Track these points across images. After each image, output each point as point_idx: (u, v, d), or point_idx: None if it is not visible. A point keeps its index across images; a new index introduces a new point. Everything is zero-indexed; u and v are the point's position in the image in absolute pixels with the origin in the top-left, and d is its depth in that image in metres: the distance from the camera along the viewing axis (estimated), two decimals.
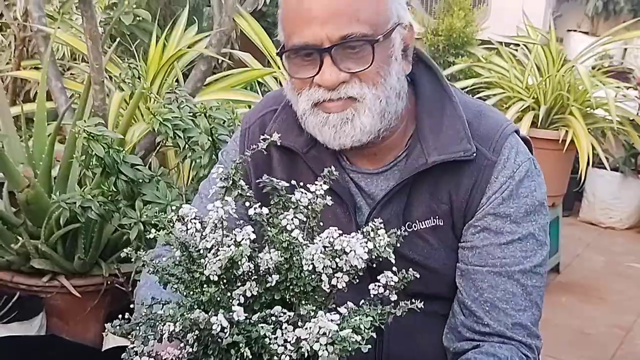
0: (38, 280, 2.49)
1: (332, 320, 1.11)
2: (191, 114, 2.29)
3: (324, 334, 1.09)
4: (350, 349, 1.07)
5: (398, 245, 1.21)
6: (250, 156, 1.24)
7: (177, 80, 2.96)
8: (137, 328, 1.18)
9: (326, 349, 1.08)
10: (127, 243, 2.34)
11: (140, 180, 2.22)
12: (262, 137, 1.23)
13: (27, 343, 2.25)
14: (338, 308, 1.18)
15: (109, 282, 2.49)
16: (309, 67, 1.34)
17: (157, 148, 2.63)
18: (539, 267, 1.42)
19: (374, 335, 1.12)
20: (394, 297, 1.22)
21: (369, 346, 1.08)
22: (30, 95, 3.83)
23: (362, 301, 1.22)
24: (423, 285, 1.40)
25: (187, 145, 2.24)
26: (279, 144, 1.31)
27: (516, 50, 4.51)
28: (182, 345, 1.17)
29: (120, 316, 1.21)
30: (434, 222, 1.43)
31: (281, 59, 1.39)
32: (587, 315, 3.96)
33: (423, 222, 1.43)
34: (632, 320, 3.91)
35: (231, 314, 1.12)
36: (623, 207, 5.28)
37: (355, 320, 1.12)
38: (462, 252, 1.44)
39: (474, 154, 1.39)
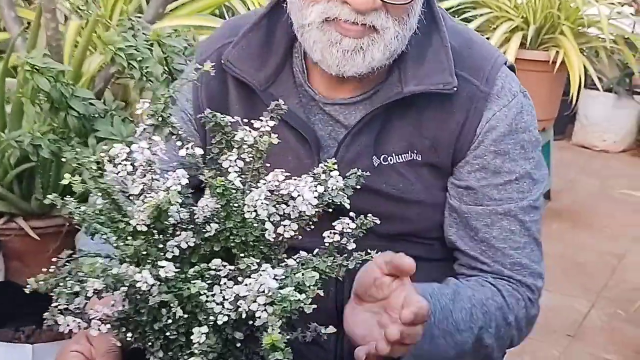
0: None
1: (275, 276, 0.97)
2: (148, 43, 2.12)
3: (263, 292, 0.94)
4: (291, 309, 0.93)
5: (358, 187, 1.09)
6: (204, 89, 1.10)
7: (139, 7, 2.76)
8: (63, 283, 1.04)
9: (265, 310, 0.94)
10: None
11: (94, 116, 2.06)
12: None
13: None
14: (290, 258, 1.06)
15: (70, 224, 2.36)
16: None
17: (114, 80, 2.46)
18: (536, 201, 1.37)
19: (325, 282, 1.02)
20: (351, 246, 1.09)
21: (314, 306, 0.93)
22: None
23: (316, 250, 1.09)
24: (401, 222, 1.33)
25: (143, 77, 2.07)
26: (233, 74, 1.22)
27: None
28: (112, 303, 1.03)
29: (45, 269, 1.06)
30: (410, 156, 1.32)
31: None
32: (579, 243, 3.87)
33: (400, 156, 1.32)
34: (625, 248, 3.80)
35: (158, 270, 0.98)
36: (617, 129, 5.17)
37: (298, 276, 0.98)
38: (455, 190, 1.35)
39: (455, 88, 1.28)
